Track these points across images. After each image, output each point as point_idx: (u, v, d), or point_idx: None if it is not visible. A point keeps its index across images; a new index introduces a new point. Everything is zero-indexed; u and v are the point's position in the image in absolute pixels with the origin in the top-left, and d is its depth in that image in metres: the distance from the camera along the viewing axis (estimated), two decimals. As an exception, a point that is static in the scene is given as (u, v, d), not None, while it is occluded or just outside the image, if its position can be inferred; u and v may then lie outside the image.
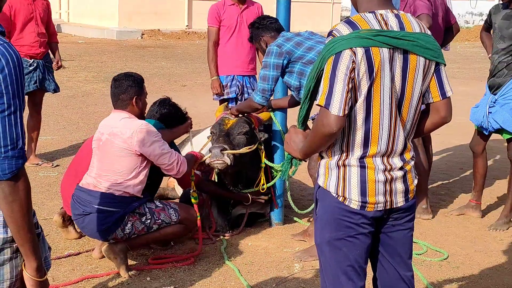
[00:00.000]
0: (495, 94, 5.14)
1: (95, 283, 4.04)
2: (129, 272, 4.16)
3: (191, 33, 21.18)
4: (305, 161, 4.77)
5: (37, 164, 6.55)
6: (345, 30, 2.44)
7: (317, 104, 2.45)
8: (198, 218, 4.59)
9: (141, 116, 4.32)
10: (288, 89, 4.89)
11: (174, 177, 4.40)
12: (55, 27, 7.09)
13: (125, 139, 4.09)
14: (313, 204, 2.76)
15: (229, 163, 4.58)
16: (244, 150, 4.71)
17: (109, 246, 4.16)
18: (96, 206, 4.09)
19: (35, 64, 6.44)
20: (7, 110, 1.91)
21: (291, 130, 2.68)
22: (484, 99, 5.28)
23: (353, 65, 2.39)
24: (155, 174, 4.41)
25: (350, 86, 2.40)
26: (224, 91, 6.15)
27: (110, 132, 4.17)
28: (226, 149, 4.60)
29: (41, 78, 6.49)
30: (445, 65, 2.61)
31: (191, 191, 4.64)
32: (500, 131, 5.19)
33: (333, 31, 2.47)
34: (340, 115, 2.39)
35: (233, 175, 4.91)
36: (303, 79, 4.43)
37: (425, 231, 5.16)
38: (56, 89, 6.68)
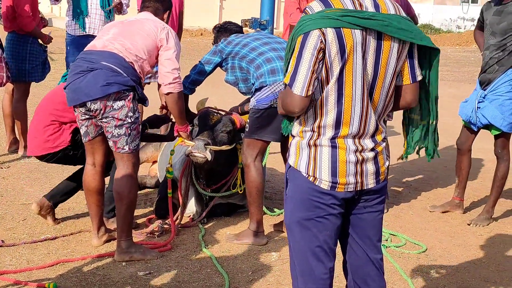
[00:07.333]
0: (485, 90, 5.14)
1: (70, 267, 4.00)
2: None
3: (183, 31, 21.11)
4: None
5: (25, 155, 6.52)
6: (317, 7, 2.44)
7: (283, 82, 2.47)
8: (170, 195, 4.57)
9: None
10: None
11: (163, 91, 4.26)
12: (47, 21, 7.04)
13: (158, 25, 4.15)
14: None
15: (209, 159, 4.54)
16: (225, 147, 4.70)
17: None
18: (105, 63, 3.92)
19: None
20: None
21: None
22: (474, 94, 5.26)
23: (321, 45, 2.38)
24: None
25: (316, 67, 2.39)
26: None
27: (141, 18, 4.26)
28: (209, 144, 4.57)
29: None
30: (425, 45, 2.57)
31: (167, 166, 4.67)
32: (488, 127, 5.17)
33: (307, 8, 2.47)
34: (303, 95, 2.39)
35: (208, 171, 4.87)
36: (236, 72, 4.60)
37: (405, 224, 5.16)
38: None
